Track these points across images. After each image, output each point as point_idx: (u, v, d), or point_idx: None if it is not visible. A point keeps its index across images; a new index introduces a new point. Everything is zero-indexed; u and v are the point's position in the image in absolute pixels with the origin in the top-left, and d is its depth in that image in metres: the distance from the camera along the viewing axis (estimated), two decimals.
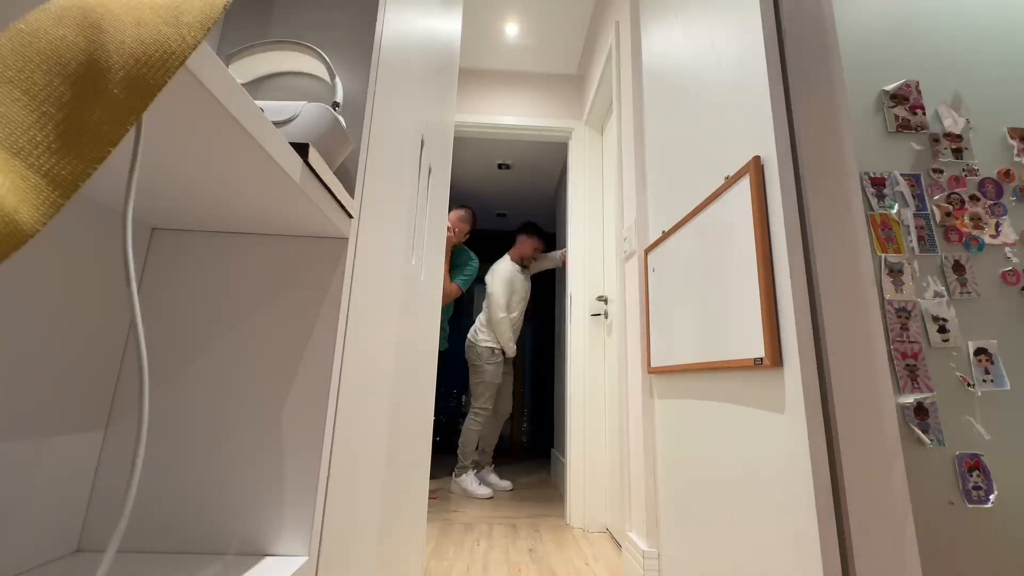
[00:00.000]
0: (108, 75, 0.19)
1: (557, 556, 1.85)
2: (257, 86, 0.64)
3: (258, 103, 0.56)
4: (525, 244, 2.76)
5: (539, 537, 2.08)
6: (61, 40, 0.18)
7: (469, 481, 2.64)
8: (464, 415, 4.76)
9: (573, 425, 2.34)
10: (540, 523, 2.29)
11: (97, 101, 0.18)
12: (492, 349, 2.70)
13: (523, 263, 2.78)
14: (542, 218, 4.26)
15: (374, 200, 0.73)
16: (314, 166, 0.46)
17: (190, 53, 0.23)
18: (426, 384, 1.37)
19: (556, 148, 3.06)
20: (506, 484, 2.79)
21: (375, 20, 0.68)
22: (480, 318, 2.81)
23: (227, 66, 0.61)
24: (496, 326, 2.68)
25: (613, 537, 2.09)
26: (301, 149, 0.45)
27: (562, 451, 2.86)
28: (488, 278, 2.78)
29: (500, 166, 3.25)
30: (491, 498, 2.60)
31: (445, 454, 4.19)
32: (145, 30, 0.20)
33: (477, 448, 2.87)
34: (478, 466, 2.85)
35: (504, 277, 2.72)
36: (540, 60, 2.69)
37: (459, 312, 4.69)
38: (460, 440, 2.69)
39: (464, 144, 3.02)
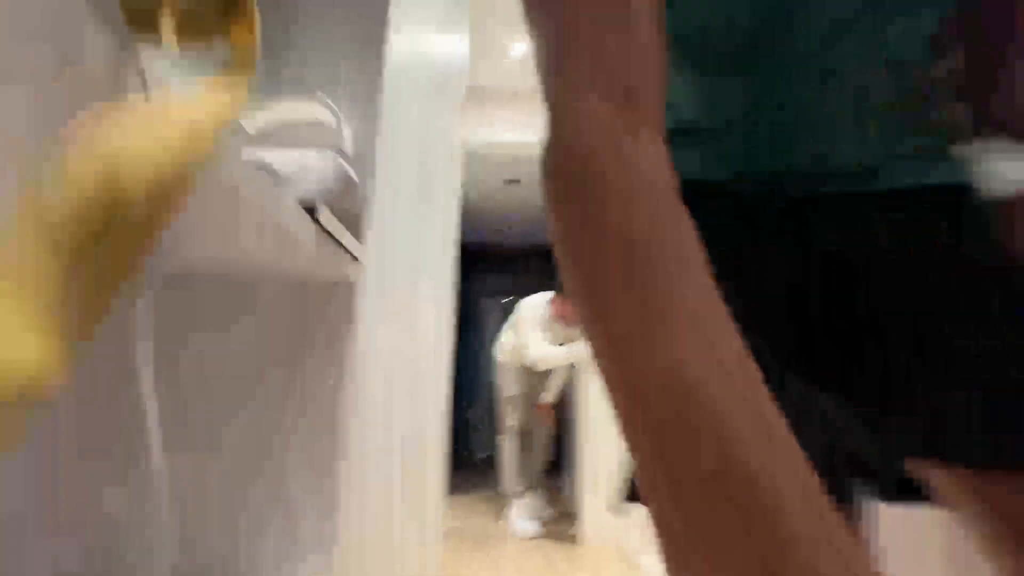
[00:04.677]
0: (130, 213, 0.19)
1: None
2: (263, 134, 0.65)
3: (264, 153, 0.57)
4: (556, 304, 2.37)
5: (550, 555, 2.05)
6: (84, 199, 0.18)
7: (511, 513, 2.46)
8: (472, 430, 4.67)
9: (585, 437, 2.31)
10: (549, 540, 2.26)
11: (120, 244, 0.19)
12: (503, 361, 2.65)
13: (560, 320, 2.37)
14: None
15: (382, 240, 0.73)
16: (326, 226, 0.47)
17: (209, 159, 0.23)
18: (436, 409, 1.37)
19: None
20: (547, 513, 2.62)
21: (381, 60, 0.69)
22: (504, 333, 2.66)
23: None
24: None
25: (627, 556, 2.06)
26: (311, 210, 0.46)
27: (572, 463, 2.82)
28: (520, 305, 2.55)
29: (507, 181, 3.26)
30: (535, 537, 2.33)
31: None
32: (165, 156, 0.21)
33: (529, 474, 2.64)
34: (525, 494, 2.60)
35: (535, 312, 2.43)
36: None
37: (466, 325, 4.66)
38: None
39: (470, 160, 3.04)
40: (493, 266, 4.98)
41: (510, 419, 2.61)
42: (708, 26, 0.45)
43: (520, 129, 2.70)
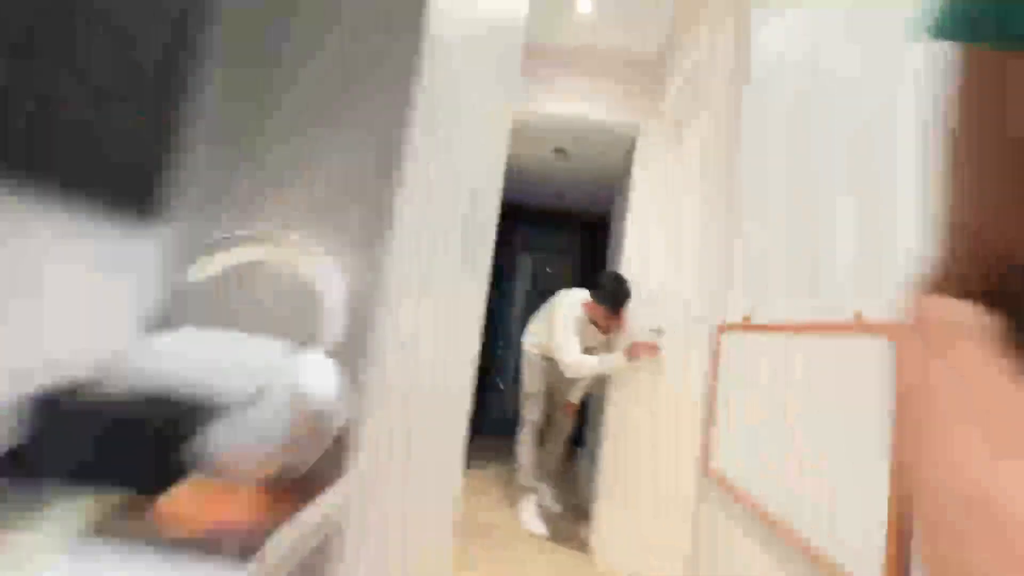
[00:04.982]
0: None
1: None
2: (225, 279, 0.45)
3: (201, 357, 0.37)
4: (593, 310, 2.19)
5: (560, 561, 2.02)
6: None
7: (524, 509, 2.44)
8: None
9: (608, 444, 2.19)
10: (560, 545, 2.22)
11: None
12: (530, 354, 2.51)
13: (596, 324, 2.22)
14: (601, 205, 3.89)
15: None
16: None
17: None
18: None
19: (622, 140, 2.70)
20: (556, 507, 2.63)
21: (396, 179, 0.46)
22: (534, 323, 2.52)
23: (200, 257, 0.42)
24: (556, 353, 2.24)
25: None
26: None
27: (590, 463, 2.75)
28: (558, 300, 2.37)
29: (556, 151, 2.93)
30: (543, 536, 2.32)
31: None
32: None
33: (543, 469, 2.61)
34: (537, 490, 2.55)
35: (571, 312, 2.24)
36: (612, 40, 2.29)
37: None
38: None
39: (522, 126, 2.72)
40: (533, 225, 4.87)
41: (531, 413, 2.51)
42: None
43: (571, 101, 2.35)
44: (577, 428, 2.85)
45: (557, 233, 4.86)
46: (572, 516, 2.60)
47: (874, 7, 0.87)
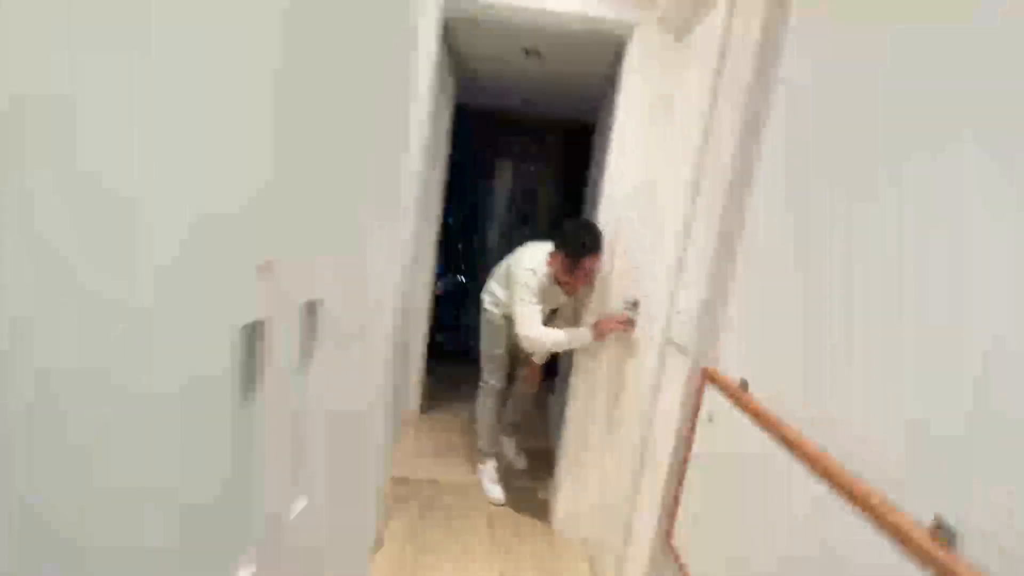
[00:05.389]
0: None
1: None
2: None
3: None
4: (555, 262, 1.85)
5: (518, 546, 1.94)
6: None
7: (484, 475, 2.28)
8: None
9: (572, 414, 2.00)
10: (520, 522, 2.13)
11: None
12: (490, 313, 2.19)
13: (559, 284, 1.91)
14: (586, 113, 3.24)
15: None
16: None
17: None
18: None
19: (609, 42, 2.06)
20: (520, 463, 2.50)
21: None
22: (494, 279, 2.19)
23: None
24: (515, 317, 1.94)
25: (591, 552, 1.94)
26: None
27: (556, 427, 2.60)
28: (518, 257, 2.02)
29: (527, 52, 2.27)
30: (502, 504, 2.17)
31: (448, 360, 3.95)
32: None
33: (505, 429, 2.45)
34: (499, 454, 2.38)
35: (532, 274, 1.90)
36: None
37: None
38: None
39: (476, 26, 2.04)
40: (512, 131, 4.43)
41: (492, 377, 2.27)
42: None
43: None
44: (547, 370, 2.64)
45: (538, 139, 4.42)
46: (535, 469, 2.50)
47: None
